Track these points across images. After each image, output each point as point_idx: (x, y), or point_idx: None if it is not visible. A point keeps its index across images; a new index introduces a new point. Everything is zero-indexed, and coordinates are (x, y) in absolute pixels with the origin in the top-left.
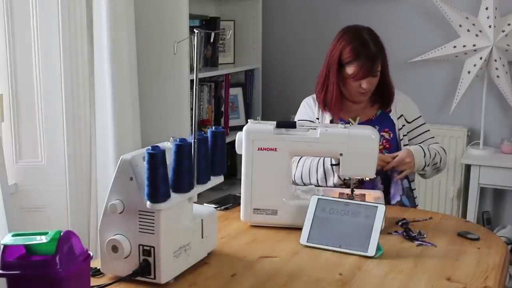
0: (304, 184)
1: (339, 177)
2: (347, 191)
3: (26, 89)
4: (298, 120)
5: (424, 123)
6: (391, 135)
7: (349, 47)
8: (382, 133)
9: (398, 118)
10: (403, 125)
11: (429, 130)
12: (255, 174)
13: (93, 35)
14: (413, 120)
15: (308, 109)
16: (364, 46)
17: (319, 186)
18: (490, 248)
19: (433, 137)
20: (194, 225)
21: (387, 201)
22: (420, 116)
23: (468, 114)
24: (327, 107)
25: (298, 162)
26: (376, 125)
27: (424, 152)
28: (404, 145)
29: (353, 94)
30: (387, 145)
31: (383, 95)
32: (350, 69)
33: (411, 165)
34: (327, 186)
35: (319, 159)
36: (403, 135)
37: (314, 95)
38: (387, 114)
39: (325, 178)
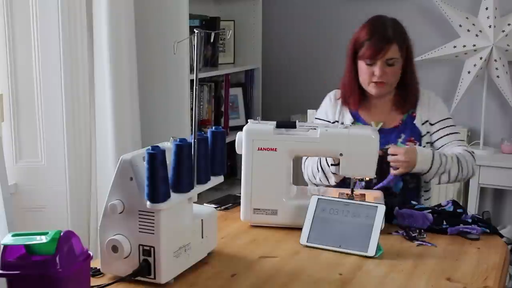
0: (314, 185)
1: (334, 174)
2: (347, 191)
3: (26, 89)
4: (316, 118)
5: (451, 126)
6: (417, 144)
7: (364, 30)
8: (407, 143)
9: (423, 124)
10: (427, 132)
11: (456, 133)
12: (255, 174)
13: (93, 35)
14: (436, 122)
15: (326, 103)
16: (380, 27)
17: (322, 185)
18: (490, 248)
19: (461, 140)
20: (194, 225)
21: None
22: (446, 118)
23: (468, 114)
24: (345, 101)
25: (305, 162)
26: (402, 133)
27: (433, 158)
28: None
29: (366, 84)
30: None
31: (405, 94)
32: (361, 51)
33: (405, 165)
34: (329, 186)
35: (318, 159)
36: (426, 143)
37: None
38: (412, 121)
39: (326, 178)
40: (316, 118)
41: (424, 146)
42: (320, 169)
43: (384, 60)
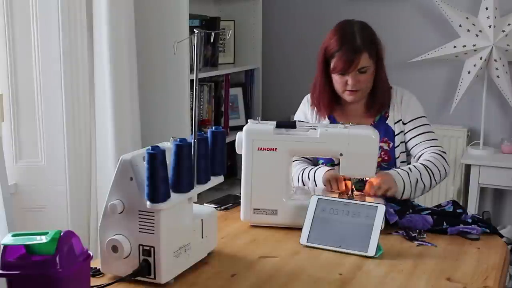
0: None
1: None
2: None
3: (26, 89)
4: (298, 121)
5: (423, 125)
6: (390, 145)
7: (333, 39)
8: (380, 144)
9: (395, 123)
10: (401, 131)
11: (428, 132)
12: (255, 174)
13: (93, 35)
14: (409, 121)
15: (305, 106)
16: (348, 37)
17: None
18: (490, 248)
19: (433, 139)
20: (194, 225)
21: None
22: (420, 117)
23: (468, 114)
24: (317, 108)
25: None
26: None
27: (404, 181)
28: (401, 152)
29: (340, 92)
30: (386, 157)
31: (376, 95)
32: (332, 62)
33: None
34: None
35: (302, 173)
36: (400, 142)
37: None
38: (385, 121)
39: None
40: (297, 121)
41: (398, 146)
42: (311, 180)
43: (356, 70)
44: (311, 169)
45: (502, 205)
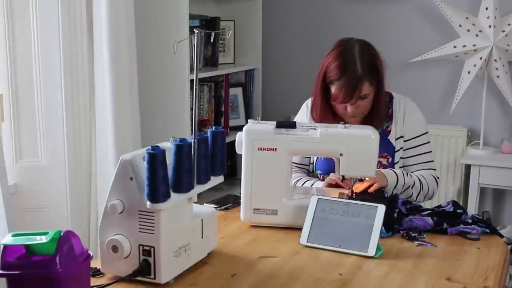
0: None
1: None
2: (347, 191)
3: (26, 89)
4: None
5: (423, 144)
6: (389, 160)
7: (333, 65)
8: (380, 159)
9: (397, 139)
10: (401, 148)
11: (428, 153)
12: (255, 174)
13: (93, 35)
14: (409, 140)
15: (304, 113)
16: (349, 65)
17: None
18: (490, 248)
19: (429, 161)
20: (194, 225)
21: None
22: (422, 135)
23: (468, 114)
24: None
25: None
26: None
27: (398, 178)
28: (400, 167)
29: (341, 115)
30: None
31: (373, 115)
32: (332, 89)
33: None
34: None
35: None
36: (400, 158)
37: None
38: (386, 136)
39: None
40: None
41: (397, 162)
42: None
43: (357, 99)
44: (307, 180)
45: (502, 205)
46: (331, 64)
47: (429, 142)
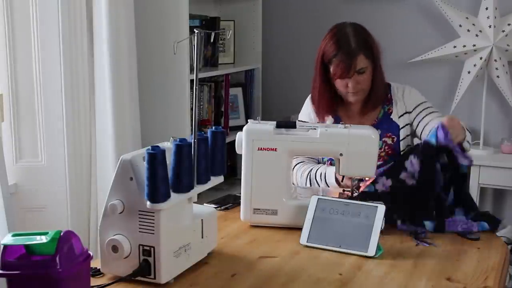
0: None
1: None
2: (347, 191)
3: (26, 89)
4: (298, 121)
5: (429, 107)
6: (395, 139)
7: (329, 44)
8: (384, 139)
9: (400, 117)
10: (406, 124)
11: (436, 112)
12: (255, 174)
13: (93, 35)
14: (413, 108)
15: (308, 107)
16: (343, 41)
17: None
18: (490, 248)
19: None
20: (194, 225)
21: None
22: (423, 102)
23: (468, 114)
24: (316, 110)
25: (295, 168)
26: (378, 129)
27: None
28: (407, 146)
29: (343, 94)
30: (390, 151)
31: (372, 93)
32: (331, 68)
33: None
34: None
35: (316, 172)
36: (406, 135)
37: None
38: (389, 116)
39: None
40: (299, 121)
41: (403, 138)
42: (321, 182)
43: (354, 72)
44: (318, 169)
45: (502, 205)
46: (327, 45)
47: (433, 107)
